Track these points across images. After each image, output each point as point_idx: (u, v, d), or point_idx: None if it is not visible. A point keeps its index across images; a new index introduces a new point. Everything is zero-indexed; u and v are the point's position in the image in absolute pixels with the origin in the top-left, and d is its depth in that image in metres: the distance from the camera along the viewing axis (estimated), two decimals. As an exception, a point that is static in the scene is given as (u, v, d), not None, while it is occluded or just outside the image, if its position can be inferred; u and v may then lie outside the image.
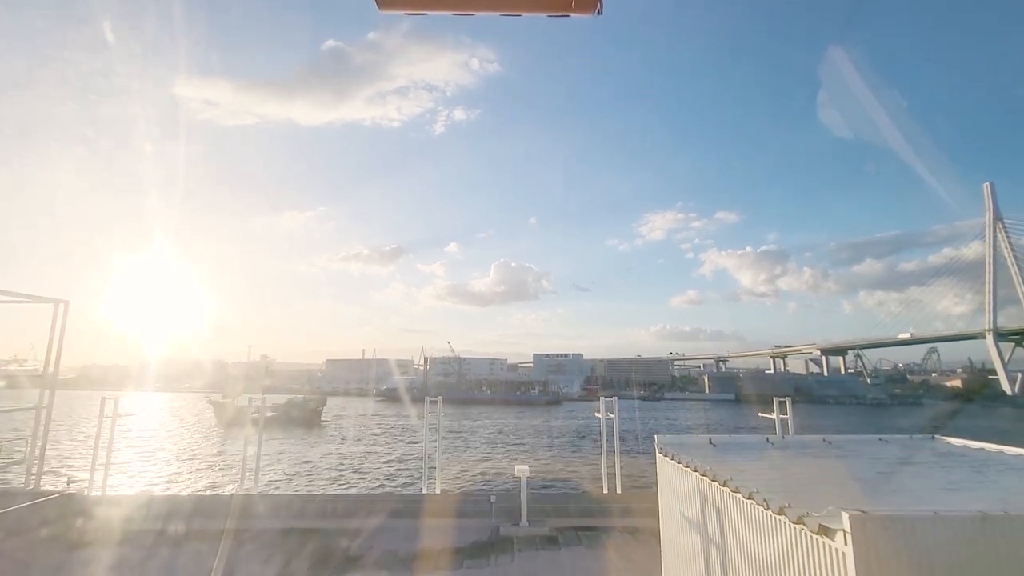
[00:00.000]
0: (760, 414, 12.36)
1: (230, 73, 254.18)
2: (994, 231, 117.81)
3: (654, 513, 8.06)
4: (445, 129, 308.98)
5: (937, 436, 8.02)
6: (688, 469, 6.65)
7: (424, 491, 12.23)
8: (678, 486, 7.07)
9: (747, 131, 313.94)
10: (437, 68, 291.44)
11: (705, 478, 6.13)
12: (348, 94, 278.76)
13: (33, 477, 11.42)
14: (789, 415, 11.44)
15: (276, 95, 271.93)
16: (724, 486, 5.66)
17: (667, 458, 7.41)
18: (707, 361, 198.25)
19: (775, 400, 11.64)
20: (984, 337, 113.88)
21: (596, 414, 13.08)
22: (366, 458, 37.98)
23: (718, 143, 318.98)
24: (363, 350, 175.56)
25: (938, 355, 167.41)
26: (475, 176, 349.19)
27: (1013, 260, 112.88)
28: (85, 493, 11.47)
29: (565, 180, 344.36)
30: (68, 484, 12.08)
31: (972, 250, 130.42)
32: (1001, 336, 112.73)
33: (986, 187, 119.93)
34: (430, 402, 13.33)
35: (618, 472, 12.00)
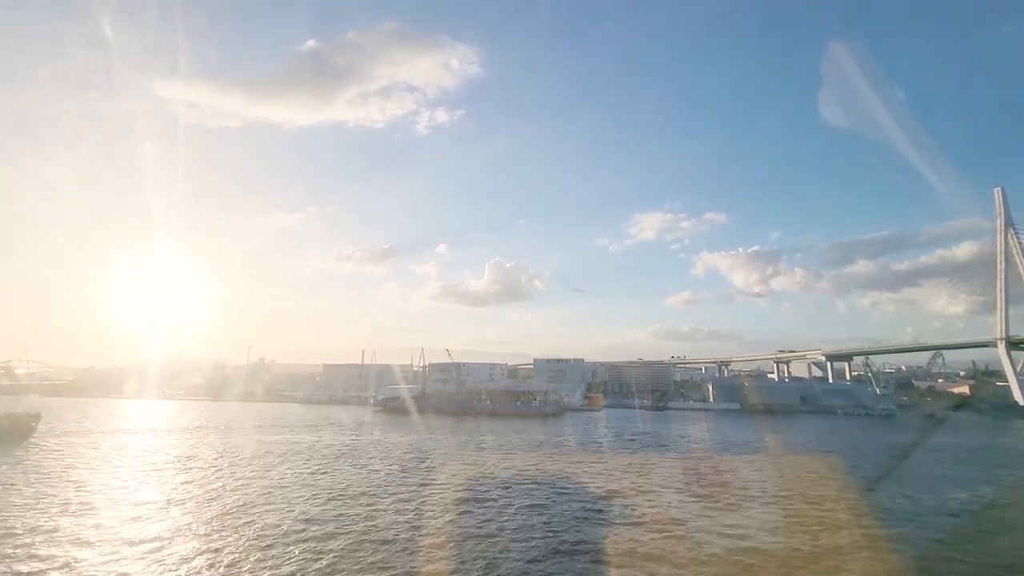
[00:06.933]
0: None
1: (212, 74, 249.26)
2: (1005, 236, 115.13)
3: None
4: (428, 130, 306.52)
5: None
6: None
7: None
8: None
9: (736, 130, 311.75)
10: (417, 69, 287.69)
11: None
12: (331, 96, 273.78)
13: None
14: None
15: (259, 97, 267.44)
16: None
17: None
18: (709, 364, 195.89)
19: None
20: (996, 346, 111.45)
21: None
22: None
23: (707, 142, 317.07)
24: (363, 351, 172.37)
25: (943, 359, 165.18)
26: (462, 177, 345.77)
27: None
28: None
29: (552, 179, 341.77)
30: None
31: (965, 250, 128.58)
32: (1013, 345, 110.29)
33: (997, 192, 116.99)
34: None
35: None
